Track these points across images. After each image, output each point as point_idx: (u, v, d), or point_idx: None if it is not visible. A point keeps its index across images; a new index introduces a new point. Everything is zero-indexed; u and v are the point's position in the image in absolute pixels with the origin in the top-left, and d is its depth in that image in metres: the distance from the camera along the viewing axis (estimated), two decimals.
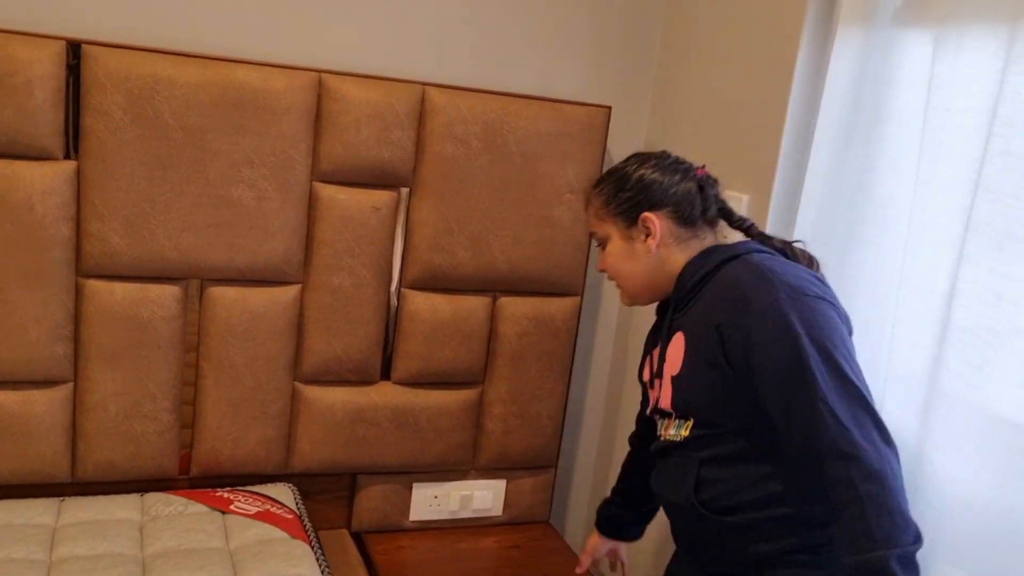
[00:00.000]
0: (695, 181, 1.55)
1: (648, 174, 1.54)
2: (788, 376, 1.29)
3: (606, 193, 1.58)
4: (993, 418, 1.34)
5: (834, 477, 1.24)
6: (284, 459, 2.16)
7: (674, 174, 1.54)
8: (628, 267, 1.58)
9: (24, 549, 1.75)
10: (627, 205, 1.55)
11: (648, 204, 1.53)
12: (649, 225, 1.52)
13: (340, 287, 2.08)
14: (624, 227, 1.56)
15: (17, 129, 1.79)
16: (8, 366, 1.88)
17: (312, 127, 1.99)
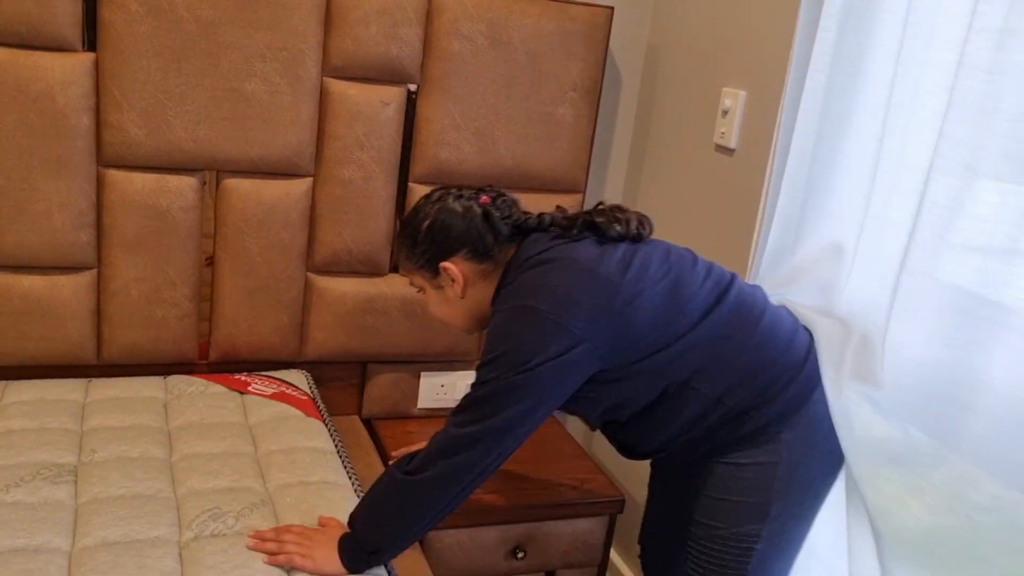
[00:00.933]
0: (480, 210, 1.61)
1: (435, 223, 1.61)
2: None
3: (405, 249, 1.66)
4: (947, 286, 1.41)
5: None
6: (298, 346, 2.27)
7: (458, 214, 1.60)
8: (448, 311, 1.70)
9: (57, 420, 1.87)
10: (425, 258, 1.63)
11: (443, 254, 1.61)
12: (450, 274, 1.61)
13: (350, 180, 2.16)
14: (431, 278, 1.66)
15: (37, 20, 1.84)
16: (35, 251, 1.97)
17: (322, 22, 2.04)
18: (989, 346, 1.35)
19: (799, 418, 1.53)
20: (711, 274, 1.58)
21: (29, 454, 1.73)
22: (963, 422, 1.39)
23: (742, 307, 1.56)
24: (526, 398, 1.45)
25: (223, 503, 1.65)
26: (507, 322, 1.51)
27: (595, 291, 1.48)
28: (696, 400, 1.53)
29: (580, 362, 1.46)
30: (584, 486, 2.21)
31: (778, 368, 1.54)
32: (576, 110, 2.30)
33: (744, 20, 2.10)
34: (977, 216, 1.37)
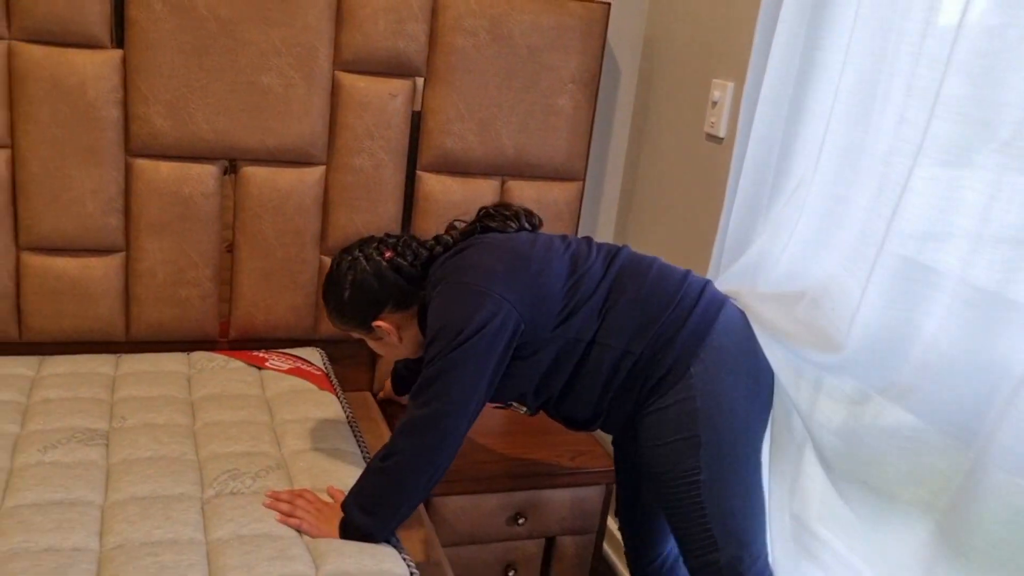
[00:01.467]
0: (389, 266, 1.78)
1: (352, 288, 1.78)
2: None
3: (335, 315, 1.84)
4: (894, 256, 1.51)
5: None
6: (312, 325, 2.41)
7: (371, 271, 1.77)
8: (392, 352, 1.89)
9: (90, 390, 2.02)
10: (356, 322, 1.82)
11: (371, 315, 1.79)
12: (383, 330, 1.79)
13: (361, 168, 2.29)
14: (367, 333, 1.84)
15: (69, 19, 1.99)
16: (69, 235, 2.12)
17: (334, 19, 2.17)
18: (925, 306, 1.46)
19: (703, 350, 1.65)
20: (602, 248, 1.78)
21: (65, 420, 1.88)
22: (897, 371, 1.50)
23: (630, 265, 1.74)
24: (468, 371, 1.60)
25: (241, 465, 1.79)
26: (440, 301, 1.67)
27: (510, 260, 1.68)
28: (607, 356, 1.68)
29: (506, 325, 1.61)
30: (581, 456, 2.34)
31: (672, 310, 1.68)
32: (575, 101, 2.42)
33: (732, 12, 2.21)
34: (923, 200, 1.48)
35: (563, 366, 1.71)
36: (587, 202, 2.65)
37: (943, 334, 1.42)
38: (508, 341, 1.63)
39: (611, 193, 2.71)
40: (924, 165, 1.42)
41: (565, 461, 2.31)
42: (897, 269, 1.48)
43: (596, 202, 2.70)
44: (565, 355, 1.70)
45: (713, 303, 1.72)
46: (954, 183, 1.41)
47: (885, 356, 1.51)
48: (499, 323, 1.60)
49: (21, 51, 1.99)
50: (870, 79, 1.61)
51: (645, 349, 1.67)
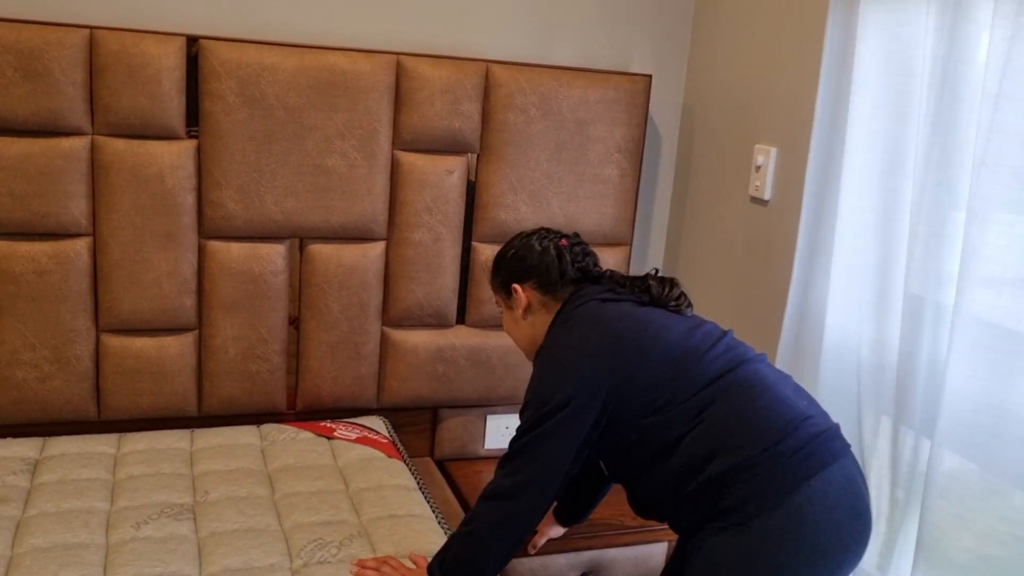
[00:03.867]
0: (554, 249, 1.84)
1: (515, 253, 1.86)
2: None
3: (491, 273, 1.92)
4: (975, 320, 1.60)
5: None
6: (375, 394, 2.48)
7: (537, 249, 1.84)
8: (514, 329, 1.92)
9: (171, 466, 2.09)
10: (502, 282, 1.88)
11: (514, 278, 1.85)
12: (517, 296, 1.84)
13: (420, 242, 2.39)
14: (505, 299, 1.89)
15: (149, 113, 2.11)
16: (147, 316, 2.22)
17: (393, 103, 2.29)
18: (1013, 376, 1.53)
19: (779, 506, 1.52)
20: (728, 352, 1.66)
21: (152, 496, 1.95)
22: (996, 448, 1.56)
23: (749, 379, 1.62)
24: (555, 446, 1.64)
25: (325, 534, 1.85)
26: (535, 373, 1.74)
27: (606, 344, 1.67)
28: (684, 461, 1.60)
29: (592, 405, 1.63)
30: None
31: (765, 448, 1.54)
32: (621, 170, 2.52)
33: (771, 81, 2.32)
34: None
35: (639, 454, 1.68)
36: (634, 265, 2.73)
37: None
38: (596, 419, 1.63)
39: (656, 256, 2.80)
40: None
41: (629, 519, 2.35)
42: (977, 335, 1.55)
43: (643, 265, 2.79)
44: (644, 445, 1.66)
45: (816, 457, 1.55)
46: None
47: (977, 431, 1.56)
48: (586, 401, 1.62)
49: (104, 145, 2.11)
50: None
51: (726, 471, 1.56)
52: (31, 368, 2.15)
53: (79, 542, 1.76)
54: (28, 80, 2.01)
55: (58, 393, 2.19)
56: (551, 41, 2.51)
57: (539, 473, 1.65)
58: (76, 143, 2.09)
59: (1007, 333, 1.56)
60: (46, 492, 1.93)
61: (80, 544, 1.76)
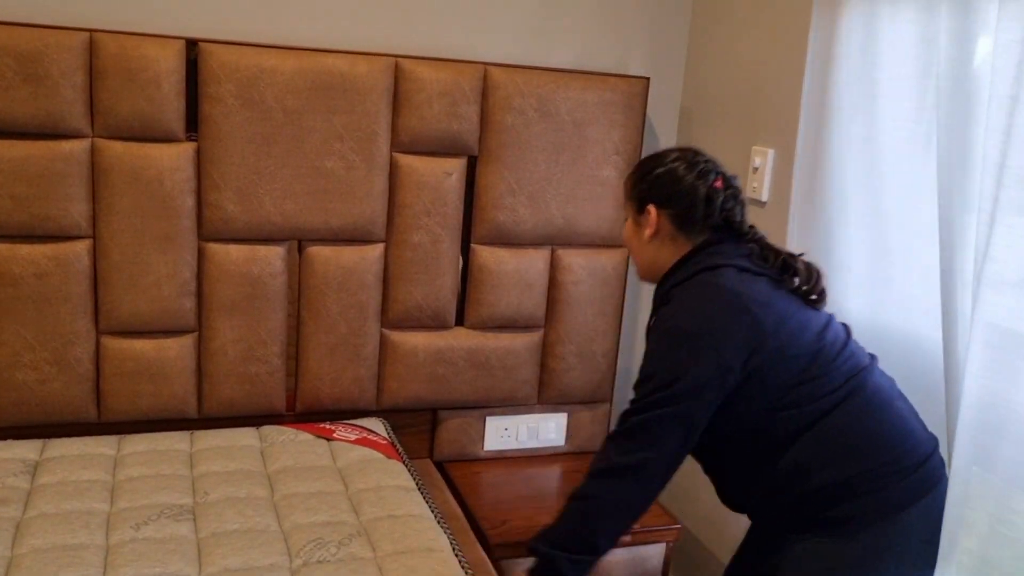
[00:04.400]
0: (706, 189, 1.68)
1: (667, 172, 1.70)
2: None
3: (633, 179, 1.78)
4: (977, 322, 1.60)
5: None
6: (375, 396, 2.49)
7: (689, 179, 1.68)
8: (633, 246, 1.80)
9: (170, 467, 2.10)
10: (640, 195, 1.74)
11: (654, 199, 1.71)
12: (648, 216, 1.71)
13: (419, 244, 2.40)
14: (635, 212, 1.76)
15: (149, 116, 2.12)
16: (146, 318, 2.22)
17: (391, 105, 2.30)
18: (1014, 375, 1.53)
19: (892, 522, 1.55)
20: (850, 359, 1.64)
21: (152, 497, 1.96)
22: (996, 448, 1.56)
23: (863, 395, 1.61)
24: (679, 428, 1.57)
25: (325, 534, 1.86)
26: (662, 340, 1.63)
27: (744, 332, 1.57)
28: (789, 466, 1.59)
29: (719, 391, 1.56)
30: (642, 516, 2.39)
31: (884, 463, 1.56)
32: (619, 171, 2.52)
33: (768, 83, 2.32)
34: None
35: (744, 449, 1.64)
36: (633, 267, 2.74)
37: None
38: (718, 400, 1.58)
39: None
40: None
41: None
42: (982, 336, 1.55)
43: None
44: (753, 441, 1.62)
45: (929, 478, 1.60)
46: None
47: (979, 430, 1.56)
48: (716, 388, 1.56)
49: (103, 147, 2.12)
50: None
51: (840, 483, 1.56)
52: (31, 370, 2.16)
53: (79, 543, 1.77)
54: (28, 83, 2.02)
55: (58, 395, 2.20)
56: (549, 43, 2.52)
57: (660, 456, 1.59)
58: (76, 146, 2.10)
59: (1009, 333, 1.56)
60: (46, 493, 1.94)
61: (80, 545, 1.76)
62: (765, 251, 1.69)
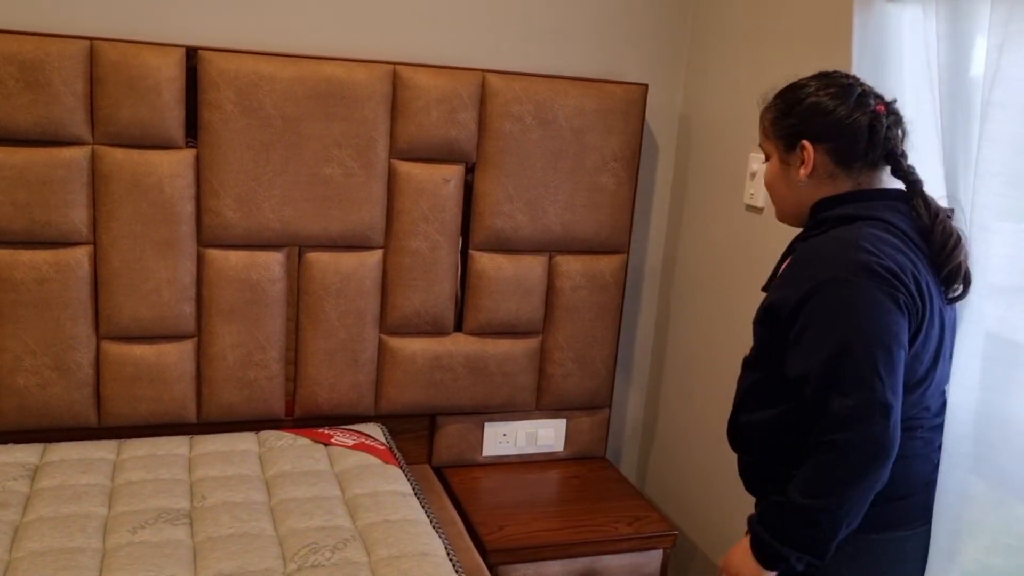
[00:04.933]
0: (868, 116, 1.50)
1: (819, 102, 1.51)
2: (824, 353, 1.38)
3: (774, 112, 1.58)
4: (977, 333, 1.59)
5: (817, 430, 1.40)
6: (373, 402, 2.50)
7: (847, 107, 1.50)
8: (779, 188, 1.60)
9: (169, 472, 2.12)
10: (790, 130, 1.54)
11: (809, 133, 1.52)
12: (804, 155, 1.52)
13: (417, 250, 2.41)
14: (783, 150, 1.56)
15: (149, 123, 2.14)
16: (146, 323, 2.24)
17: (389, 112, 2.31)
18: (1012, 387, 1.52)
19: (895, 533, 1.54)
20: (942, 396, 1.58)
21: (149, 501, 1.97)
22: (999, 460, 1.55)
23: (927, 435, 1.55)
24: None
25: (319, 539, 1.87)
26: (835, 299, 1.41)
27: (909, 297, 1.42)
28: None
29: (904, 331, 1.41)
30: (639, 522, 2.40)
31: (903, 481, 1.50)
32: (617, 178, 2.53)
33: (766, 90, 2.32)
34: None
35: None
36: (631, 273, 2.75)
37: None
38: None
39: (654, 263, 2.81)
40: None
41: (623, 527, 2.37)
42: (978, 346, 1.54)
43: (639, 273, 2.80)
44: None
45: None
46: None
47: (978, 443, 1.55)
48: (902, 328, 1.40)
49: (104, 154, 2.14)
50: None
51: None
52: (32, 375, 2.18)
53: (76, 546, 1.78)
54: (30, 90, 2.04)
55: (59, 399, 2.21)
56: (547, 50, 2.53)
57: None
58: (77, 153, 2.12)
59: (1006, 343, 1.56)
60: (45, 497, 1.95)
61: (77, 548, 1.78)
62: (920, 203, 1.52)
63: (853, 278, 1.40)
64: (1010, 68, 1.53)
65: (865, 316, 1.38)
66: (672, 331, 2.77)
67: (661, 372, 2.84)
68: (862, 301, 1.39)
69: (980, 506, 1.59)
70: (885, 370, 1.37)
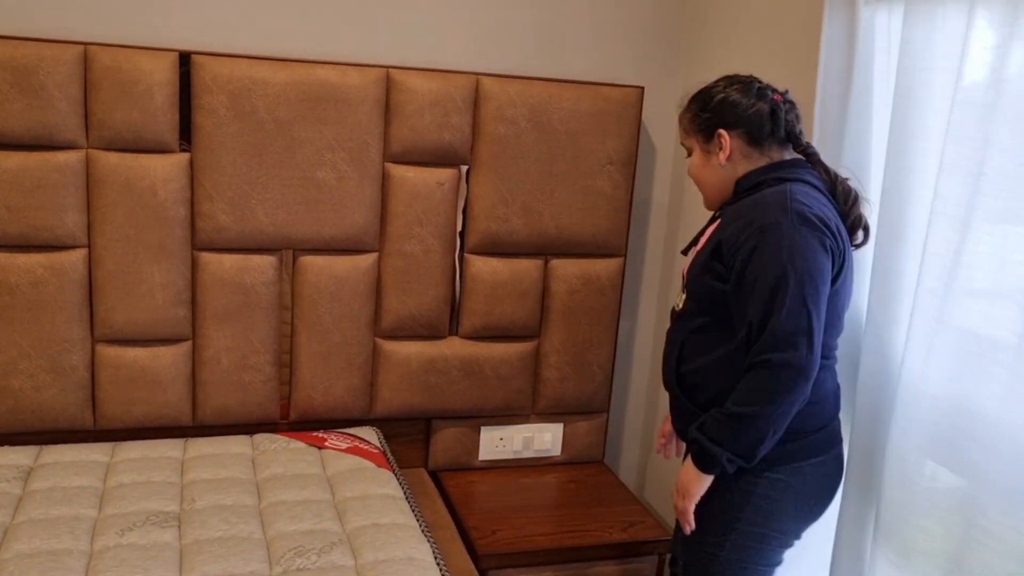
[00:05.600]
0: (769, 104, 1.76)
1: (728, 96, 1.78)
2: (764, 285, 1.61)
3: (692, 111, 1.83)
4: (957, 329, 1.59)
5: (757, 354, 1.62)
6: (368, 405, 2.50)
7: (751, 97, 1.77)
8: (705, 175, 1.84)
9: (161, 474, 2.12)
10: (706, 124, 1.80)
11: (723, 123, 1.77)
12: (721, 141, 1.77)
13: (411, 253, 2.41)
14: (703, 141, 1.82)
15: (142, 127, 2.15)
16: (140, 327, 2.25)
17: (383, 115, 2.32)
18: (984, 380, 1.52)
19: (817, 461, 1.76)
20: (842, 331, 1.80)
21: (139, 503, 1.98)
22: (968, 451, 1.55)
23: (833, 367, 1.80)
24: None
25: (306, 542, 1.87)
26: (779, 241, 1.63)
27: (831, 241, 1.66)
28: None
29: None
30: (632, 528, 2.38)
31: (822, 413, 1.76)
32: (614, 181, 2.52)
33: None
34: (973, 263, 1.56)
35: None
36: (629, 276, 2.74)
37: None
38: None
39: (652, 266, 2.80)
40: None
41: (616, 533, 2.35)
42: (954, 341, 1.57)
43: (638, 276, 2.79)
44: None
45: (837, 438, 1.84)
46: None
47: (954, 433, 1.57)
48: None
49: (97, 158, 2.15)
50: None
51: (800, 422, 1.70)
52: (27, 377, 2.20)
53: (63, 548, 1.79)
54: (24, 95, 2.06)
55: (54, 402, 2.23)
56: (542, 53, 2.53)
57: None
58: (71, 157, 2.13)
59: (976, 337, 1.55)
60: (36, 499, 1.96)
61: (64, 550, 1.78)
62: (820, 168, 1.79)
63: (789, 223, 1.62)
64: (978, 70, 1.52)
65: (799, 255, 1.60)
66: None
67: (659, 376, 2.81)
68: (797, 243, 1.61)
69: (949, 499, 1.60)
70: (812, 302, 1.60)
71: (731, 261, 1.68)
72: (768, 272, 1.61)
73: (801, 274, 1.60)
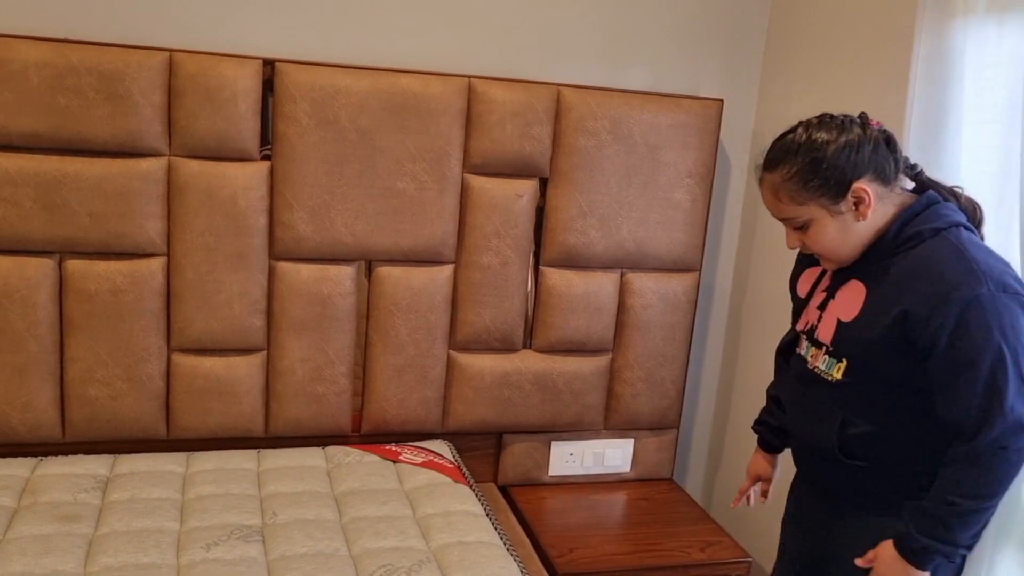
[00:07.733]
0: (879, 134, 1.56)
1: (839, 143, 1.54)
2: (979, 370, 1.45)
3: (800, 176, 1.55)
4: None
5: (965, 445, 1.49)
6: (441, 418, 2.46)
7: (859, 136, 1.54)
8: (840, 240, 1.59)
9: (239, 487, 2.09)
10: (831, 182, 1.54)
11: (855, 175, 1.53)
12: (861, 195, 1.54)
13: (488, 266, 2.37)
14: (831, 203, 1.55)
15: (225, 135, 2.13)
16: (217, 336, 2.22)
17: (464, 126, 2.28)
18: None
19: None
20: None
21: (221, 517, 1.95)
22: None
23: None
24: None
25: (394, 560, 1.83)
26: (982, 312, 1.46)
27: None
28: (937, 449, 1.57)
29: None
30: (711, 548, 2.33)
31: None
32: (692, 195, 2.48)
33: (846, 108, 2.26)
34: None
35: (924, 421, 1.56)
36: (703, 292, 2.69)
37: None
38: None
39: (724, 282, 2.75)
40: None
41: (696, 553, 2.30)
42: None
43: (711, 292, 2.74)
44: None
45: None
46: None
47: None
48: None
49: (179, 166, 2.13)
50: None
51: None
52: (104, 386, 2.17)
53: (150, 562, 1.76)
54: (109, 102, 2.04)
55: (129, 411, 2.21)
56: (622, 65, 2.49)
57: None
58: (153, 164, 2.12)
59: None
60: (117, 511, 1.94)
61: (151, 564, 1.76)
62: (934, 186, 1.62)
63: (987, 293, 1.46)
64: None
65: (1010, 331, 1.46)
66: (742, 351, 2.71)
67: (730, 393, 2.77)
68: (1003, 316, 1.46)
69: None
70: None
71: (924, 337, 1.49)
72: (982, 354, 1.45)
73: (1016, 351, 1.45)
